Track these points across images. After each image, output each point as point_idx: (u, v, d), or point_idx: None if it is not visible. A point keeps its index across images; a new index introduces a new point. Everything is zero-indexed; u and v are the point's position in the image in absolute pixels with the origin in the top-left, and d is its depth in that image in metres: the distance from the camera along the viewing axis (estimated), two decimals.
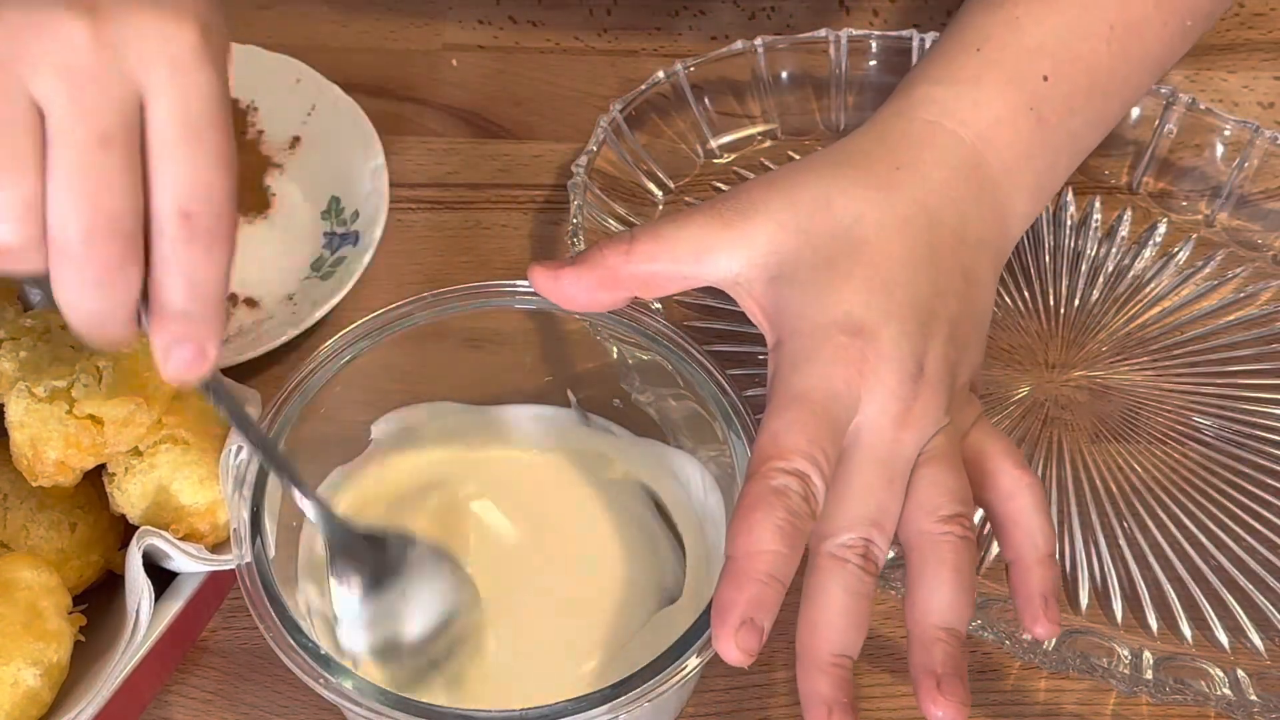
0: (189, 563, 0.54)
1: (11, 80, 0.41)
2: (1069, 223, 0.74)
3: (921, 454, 0.52)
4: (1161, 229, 0.73)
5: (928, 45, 0.75)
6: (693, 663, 0.49)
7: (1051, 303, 0.71)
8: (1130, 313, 0.70)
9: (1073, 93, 0.60)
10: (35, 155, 0.41)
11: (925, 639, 0.50)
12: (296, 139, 0.77)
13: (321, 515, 0.53)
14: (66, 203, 0.42)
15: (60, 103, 0.42)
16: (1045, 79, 0.60)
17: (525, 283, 0.57)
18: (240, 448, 0.54)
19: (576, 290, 0.55)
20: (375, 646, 0.53)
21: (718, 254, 0.55)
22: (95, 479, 0.56)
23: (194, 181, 0.43)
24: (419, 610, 0.54)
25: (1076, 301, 0.71)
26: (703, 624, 0.49)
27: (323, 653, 0.49)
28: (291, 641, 0.49)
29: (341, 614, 0.53)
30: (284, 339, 0.68)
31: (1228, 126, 0.73)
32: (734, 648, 0.47)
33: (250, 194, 0.76)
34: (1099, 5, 0.61)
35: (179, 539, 0.54)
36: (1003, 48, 0.60)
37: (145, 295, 0.45)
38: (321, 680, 0.49)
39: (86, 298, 0.43)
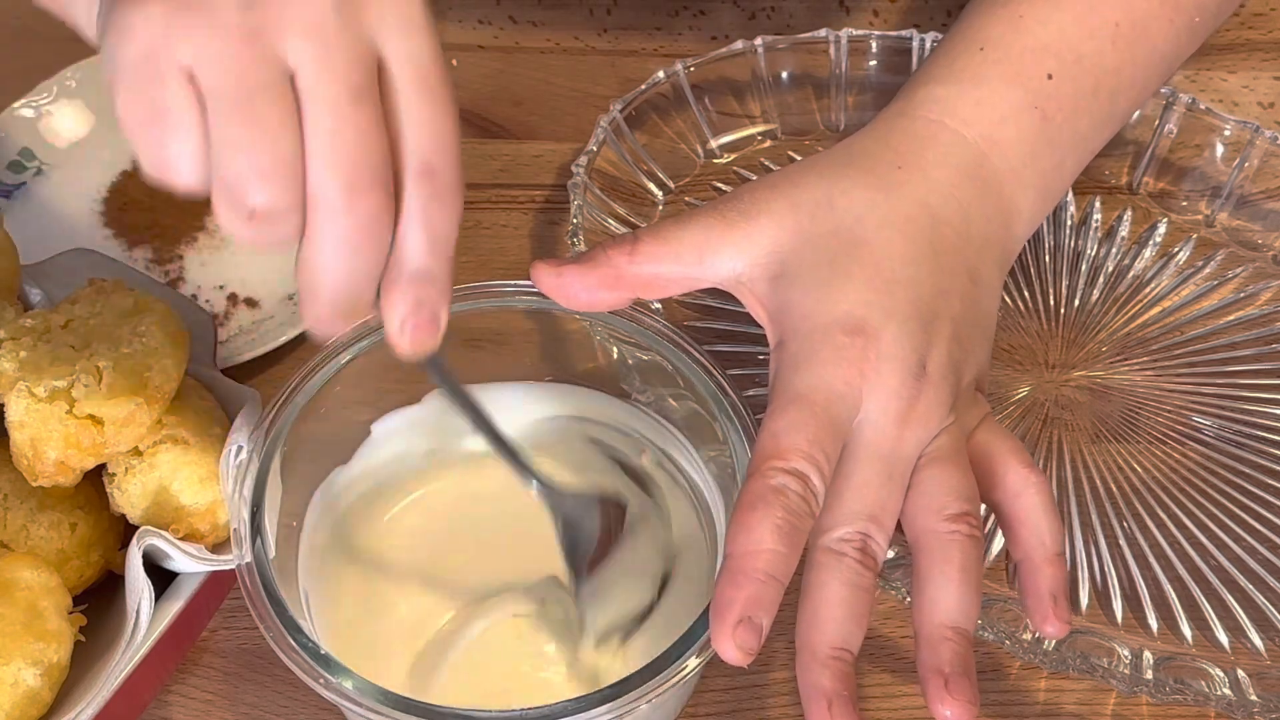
0: (189, 563, 0.54)
1: (262, 47, 0.42)
2: (1069, 223, 0.74)
3: (927, 453, 0.52)
4: (1161, 229, 0.73)
5: (928, 45, 0.75)
6: (693, 663, 0.49)
7: (1051, 303, 0.71)
8: (1130, 313, 0.70)
9: (1078, 92, 0.60)
10: (292, 117, 0.42)
11: (933, 638, 0.49)
12: None
13: (545, 491, 0.53)
14: (327, 158, 0.42)
15: (310, 63, 0.42)
16: (1049, 78, 0.60)
17: (525, 283, 0.57)
18: (240, 447, 0.54)
19: (579, 289, 0.55)
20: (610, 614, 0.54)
21: (721, 255, 0.55)
22: (95, 479, 0.56)
23: (434, 136, 0.44)
24: (643, 570, 0.55)
25: (1076, 301, 0.71)
26: (702, 624, 0.49)
27: (323, 652, 0.49)
28: (291, 641, 0.49)
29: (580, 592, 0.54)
30: (284, 339, 0.68)
31: (1228, 126, 0.73)
32: (732, 646, 0.47)
33: None
34: (1104, 4, 0.61)
35: (179, 539, 0.54)
36: (1006, 47, 0.60)
37: None
38: (321, 680, 0.49)
39: (343, 259, 0.43)
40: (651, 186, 0.74)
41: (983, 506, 0.53)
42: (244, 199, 0.42)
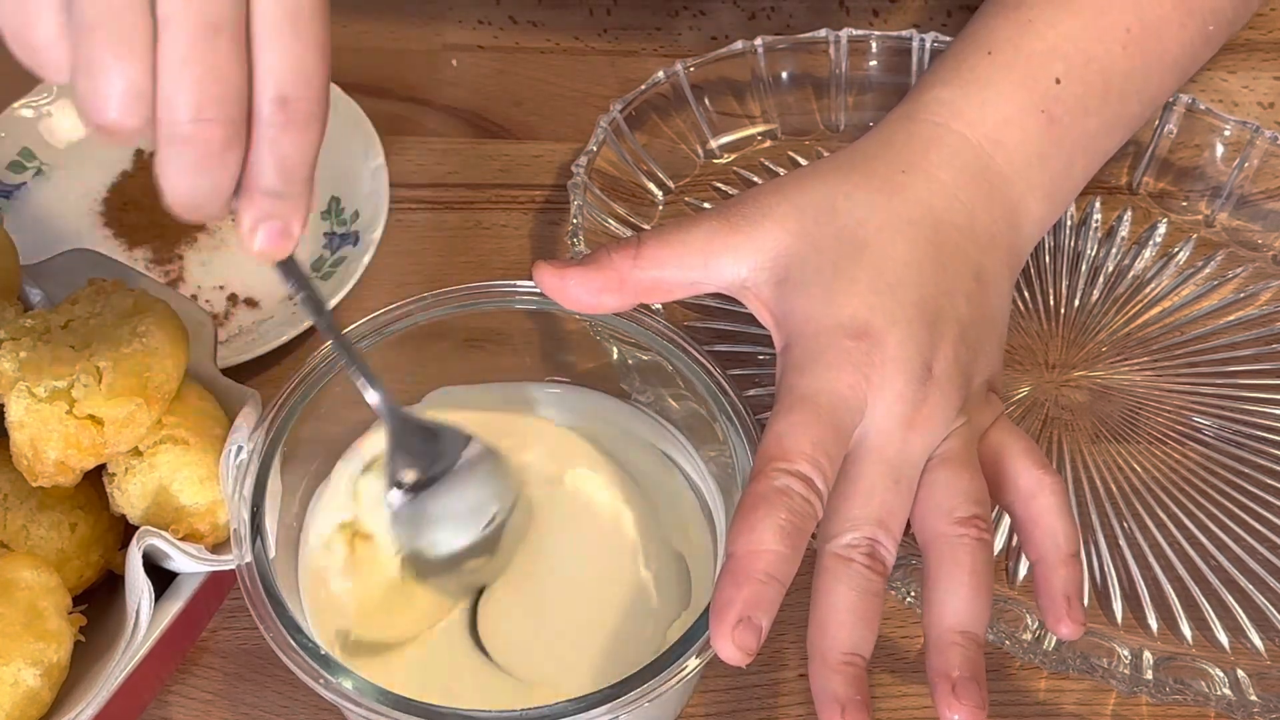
0: (189, 563, 0.54)
1: None
2: (1069, 223, 0.74)
3: (936, 456, 0.52)
4: (1161, 229, 0.73)
5: (928, 45, 0.75)
6: (693, 663, 0.49)
7: (1051, 303, 0.71)
8: (1130, 313, 0.70)
9: (1086, 94, 0.60)
10: (146, 41, 0.42)
11: (942, 642, 0.50)
12: None
13: (387, 406, 0.54)
14: (177, 88, 0.43)
15: None
16: (1057, 81, 0.60)
17: (525, 283, 0.57)
18: (240, 447, 0.54)
19: (582, 291, 0.55)
20: (418, 539, 0.55)
21: (725, 259, 0.55)
22: (95, 479, 0.56)
23: (293, 68, 0.44)
24: (466, 509, 0.55)
25: (1076, 301, 0.71)
26: (703, 624, 0.49)
27: (323, 653, 0.49)
28: (291, 641, 0.49)
29: (392, 506, 0.55)
30: (284, 339, 0.68)
31: (1228, 126, 0.73)
32: (731, 646, 0.47)
33: None
34: (1115, 8, 0.61)
35: (179, 539, 0.54)
36: (1015, 51, 0.60)
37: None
38: (321, 680, 0.49)
39: (189, 178, 0.44)
40: (651, 187, 0.74)
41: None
42: (92, 115, 0.43)
